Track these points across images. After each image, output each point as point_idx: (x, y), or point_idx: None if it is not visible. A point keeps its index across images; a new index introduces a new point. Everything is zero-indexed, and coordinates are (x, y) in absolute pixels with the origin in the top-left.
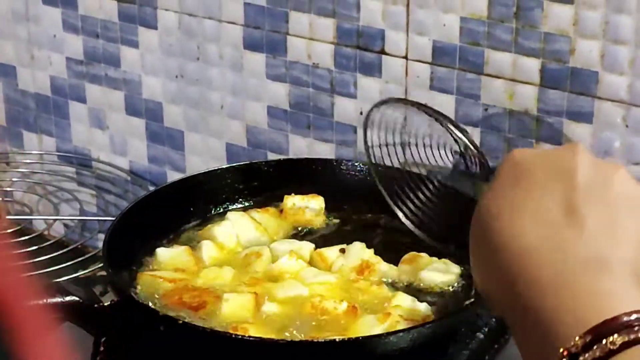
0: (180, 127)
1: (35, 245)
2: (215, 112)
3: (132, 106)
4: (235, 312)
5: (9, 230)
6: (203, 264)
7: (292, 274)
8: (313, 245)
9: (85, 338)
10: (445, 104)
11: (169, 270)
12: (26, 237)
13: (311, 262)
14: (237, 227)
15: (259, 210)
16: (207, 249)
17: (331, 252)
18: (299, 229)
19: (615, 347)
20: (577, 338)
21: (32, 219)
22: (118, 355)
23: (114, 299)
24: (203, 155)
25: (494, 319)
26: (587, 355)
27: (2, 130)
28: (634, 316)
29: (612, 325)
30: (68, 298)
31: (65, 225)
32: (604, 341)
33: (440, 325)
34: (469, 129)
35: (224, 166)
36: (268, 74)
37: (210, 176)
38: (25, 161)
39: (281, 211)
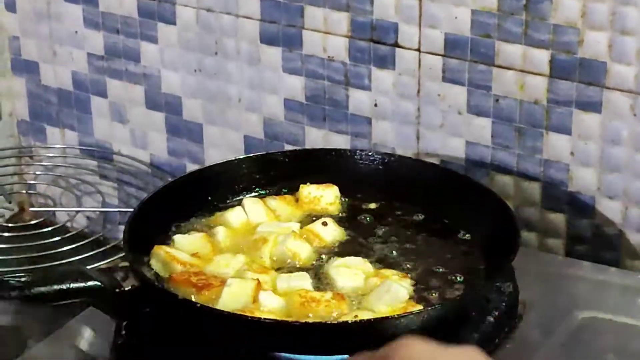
0: (199, 121)
1: (58, 237)
2: (233, 106)
3: (152, 100)
4: (235, 297)
5: (33, 222)
6: (219, 250)
7: (295, 255)
8: (298, 225)
9: (109, 322)
10: (457, 95)
11: (186, 254)
12: (49, 229)
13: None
14: (249, 213)
15: (275, 197)
16: (222, 235)
17: (317, 226)
18: (314, 217)
19: None
20: None
21: (55, 210)
22: (140, 338)
23: (135, 284)
24: (221, 148)
25: (504, 303)
26: None
27: (26, 125)
28: None
29: None
30: (90, 283)
31: (88, 217)
32: None
33: (450, 307)
34: (480, 119)
35: (241, 157)
36: (284, 67)
37: (227, 166)
38: (48, 155)
39: (297, 200)
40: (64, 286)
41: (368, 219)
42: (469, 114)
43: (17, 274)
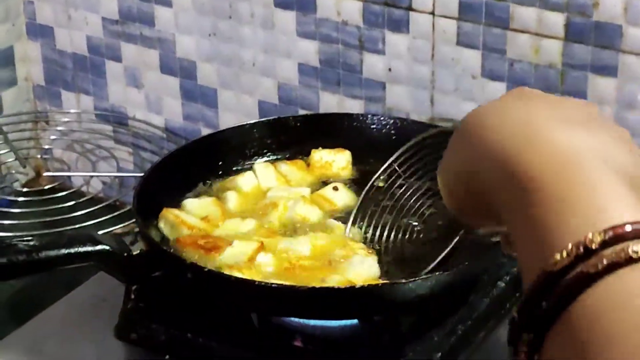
0: (214, 85)
1: (73, 201)
2: (248, 70)
3: (166, 65)
4: (234, 257)
5: (48, 187)
6: (229, 215)
7: (305, 219)
8: (309, 190)
9: (119, 287)
10: (472, 59)
11: (195, 217)
12: (65, 193)
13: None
14: (259, 178)
15: (287, 162)
16: (232, 199)
17: (327, 191)
18: (326, 182)
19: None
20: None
21: (70, 175)
22: (149, 302)
23: (143, 249)
24: (236, 112)
25: (515, 268)
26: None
27: (41, 90)
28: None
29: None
30: (98, 247)
31: (103, 182)
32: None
33: (459, 272)
34: (495, 83)
35: (252, 121)
36: (298, 31)
37: (238, 131)
38: (63, 120)
39: (308, 165)
40: (72, 250)
41: (380, 184)
42: (483, 78)
43: (25, 238)
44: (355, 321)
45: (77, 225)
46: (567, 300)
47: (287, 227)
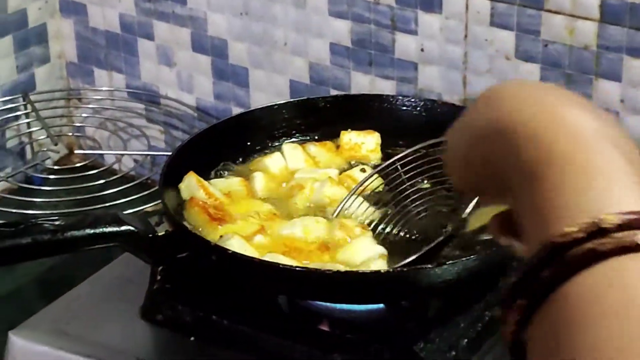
0: (245, 64)
1: (104, 179)
2: (279, 49)
3: (198, 43)
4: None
5: (79, 164)
6: (253, 195)
7: (332, 201)
8: (336, 171)
9: (146, 267)
10: (505, 39)
11: (218, 190)
12: (96, 171)
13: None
14: (287, 159)
15: (316, 143)
16: (259, 180)
17: (355, 172)
18: (354, 164)
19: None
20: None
21: (102, 153)
22: (175, 283)
23: (169, 229)
24: (267, 92)
25: None
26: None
27: (74, 67)
28: None
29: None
30: (123, 227)
31: (135, 160)
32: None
33: (486, 258)
34: (528, 65)
35: (281, 101)
36: (330, 10)
37: (267, 111)
38: (96, 97)
39: (337, 147)
40: (97, 230)
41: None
42: (516, 59)
43: (51, 218)
44: (381, 306)
45: (107, 204)
46: (568, 273)
47: (314, 208)
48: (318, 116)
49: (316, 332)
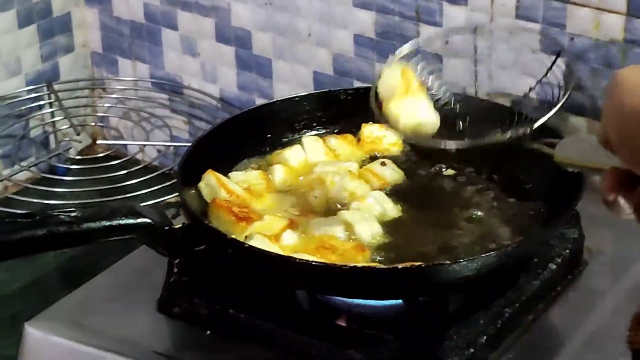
0: (269, 55)
1: (127, 169)
2: (303, 40)
3: (222, 33)
4: (261, 230)
5: (102, 154)
6: (273, 188)
7: (352, 194)
8: (356, 165)
9: (163, 260)
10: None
11: (238, 185)
12: (119, 161)
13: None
14: (307, 152)
15: (336, 136)
16: (279, 173)
17: (375, 166)
18: (375, 158)
19: None
20: None
21: (125, 144)
22: (192, 276)
23: (185, 222)
24: (291, 83)
25: (568, 250)
26: None
27: (98, 57)
28: None
29: None
30: (140, 220)
31: (158, 151)
32: None
33: (505, 254)
34: (553, 58)
35: (302, 94)
36: (355, 1)
37: (288, 103)
38: (119, 87)
39: (358, 140)
40: (113, 223)
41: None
42: (542, 53)
43: (68, 209)
44: (399, 301)
45: (129, 194)
46: None
47: (333, 202)
48: (339, 109)
49: (334, 327)
